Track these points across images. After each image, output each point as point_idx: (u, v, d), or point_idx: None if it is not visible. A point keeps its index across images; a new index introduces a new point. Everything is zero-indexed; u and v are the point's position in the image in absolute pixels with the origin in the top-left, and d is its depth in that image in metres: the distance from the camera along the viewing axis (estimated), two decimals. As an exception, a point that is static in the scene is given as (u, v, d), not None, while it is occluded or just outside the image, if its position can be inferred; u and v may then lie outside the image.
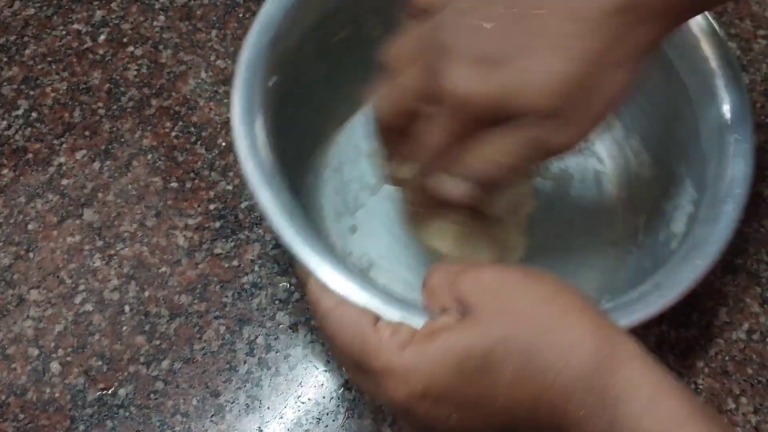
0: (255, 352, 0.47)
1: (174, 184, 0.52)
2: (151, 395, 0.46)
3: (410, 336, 0.32)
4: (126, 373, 0.46)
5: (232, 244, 0.50)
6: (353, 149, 0.52)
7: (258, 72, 0.41)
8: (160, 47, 0.58)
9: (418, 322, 0.33)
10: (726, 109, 0.41)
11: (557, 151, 0.34)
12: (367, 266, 0.48)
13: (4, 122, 0.55)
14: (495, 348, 0.30)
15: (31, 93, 0.56)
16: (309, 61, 0.46)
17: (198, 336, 0.47)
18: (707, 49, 0.42)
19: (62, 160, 0.53)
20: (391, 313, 0.33)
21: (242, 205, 0.51)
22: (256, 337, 0.47)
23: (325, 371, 0.46)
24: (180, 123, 0.54)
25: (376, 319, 0.33)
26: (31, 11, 0.59)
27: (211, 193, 0.52)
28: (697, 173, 0.42)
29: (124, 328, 0.47)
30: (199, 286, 0.49)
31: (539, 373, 0.29)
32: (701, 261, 0.37)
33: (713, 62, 0.42)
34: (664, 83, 0.45)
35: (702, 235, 0.38)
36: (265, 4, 0.43)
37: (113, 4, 0.60)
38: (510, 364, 0.29)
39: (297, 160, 0.47)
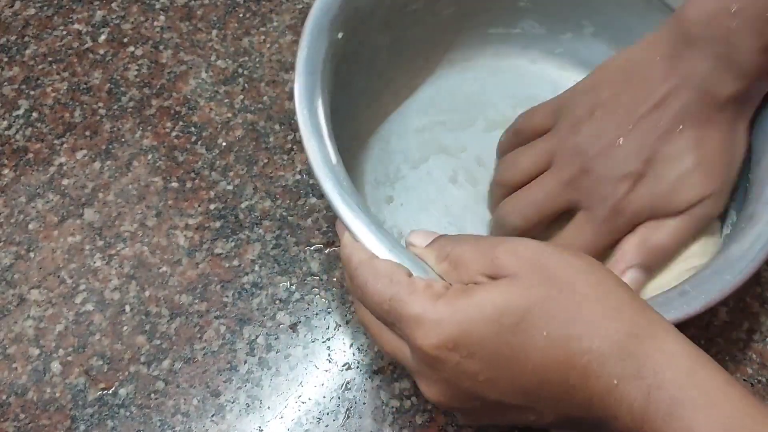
0: (255, 351, 0.47)
1: (174, 184, 0.52)
2: (152, 395, 0.46)
3: (445, 290, 0.31)
4: (127, 373, 0.46)
5: (233, 243, 0.50)
6: (403, 122, 0.52)
7: (327, 22, 0.41)
8: (161, 47, 0.58)
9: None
10: None
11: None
12: (396, 238, 0.48)
13: (5, 122, 0.55)
14: (533, 308, 0.29)
15: (32, 93, 0.56)
16: (377, 27, 0.45)
17: (198, 336, 0.47)
18: None
19: (63, 160, 0.53)
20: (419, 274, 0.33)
21: (242, 205, 0.51)
22: (257, 337, 0.47)
23: (326, 371, 0.46)
24: (180, 123, 0.54)
25: (410, 273, 0.33)
26: (32, 11, 0.60)
27: (212, 193, 0.52)
28: (739, 201, 0.42)
29: (125, 327, 0.47)
30: (200, 285, 0.49)
31: (575, 338, 0.29)
32: (731, 276, 0.37)
33: None
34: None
35: (735, 251, 0.38)
36: None
37: (114, 4, 0.60)
38: (547, 327, 0.29)
39: (348, 120, 0.46)
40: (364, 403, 0.45)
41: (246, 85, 0.56)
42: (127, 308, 0.48)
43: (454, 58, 0.53)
